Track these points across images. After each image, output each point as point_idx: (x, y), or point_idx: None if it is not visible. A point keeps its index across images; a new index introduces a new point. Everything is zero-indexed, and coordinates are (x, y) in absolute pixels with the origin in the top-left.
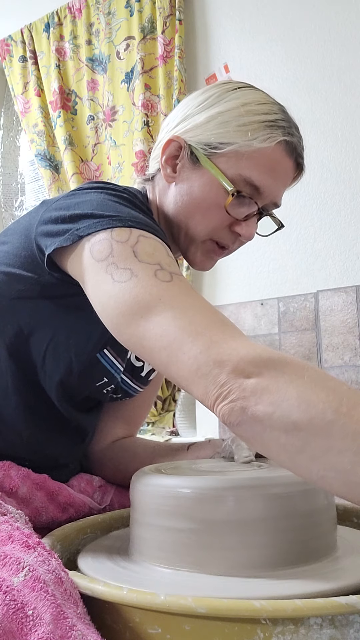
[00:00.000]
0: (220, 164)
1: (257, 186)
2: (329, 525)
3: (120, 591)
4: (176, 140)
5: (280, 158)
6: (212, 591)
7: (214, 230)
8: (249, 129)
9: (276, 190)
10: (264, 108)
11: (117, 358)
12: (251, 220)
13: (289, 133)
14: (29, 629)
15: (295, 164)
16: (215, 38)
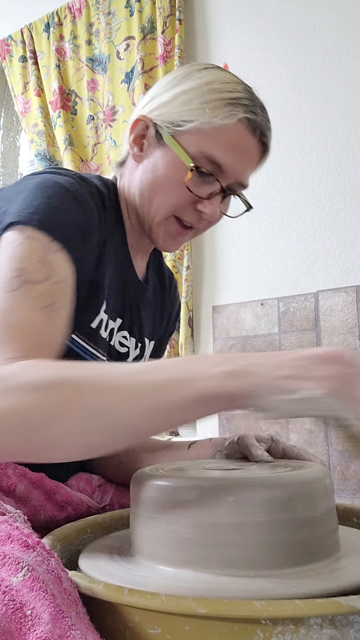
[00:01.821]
0: (183, 142)
1: (219, 163)
2: (330, 525)
3: (120, 591)
4: (143, 120)
5: (242, 136)
6: (212, 591)
7: (177, 208)
8: (210, 106)
9: (240, 168)
10: (227, 86)
11: (90, 343)
12: (215, 199)
13: (251, 111)
14: (28, 629)
15: (260, 143)
16: (215, 38)
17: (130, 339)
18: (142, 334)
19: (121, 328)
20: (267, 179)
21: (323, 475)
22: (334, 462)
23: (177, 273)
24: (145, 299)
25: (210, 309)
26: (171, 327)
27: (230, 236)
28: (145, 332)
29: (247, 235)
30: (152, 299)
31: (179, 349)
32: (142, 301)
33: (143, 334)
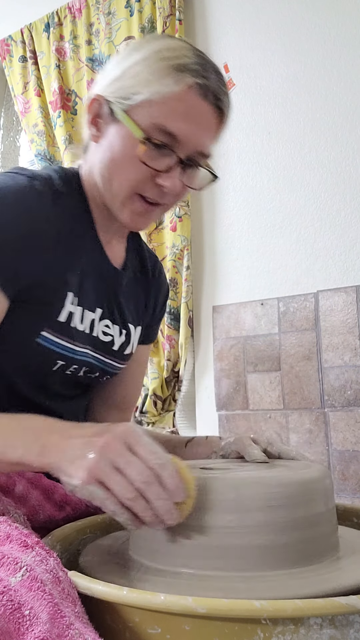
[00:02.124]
0: (135, 115)
1: (172, 133)
2: (330, 525)
3: (120, 591)
4: (97, 99)
5: (193, 102)
6: (212, 591)
7: (137, 184)
8: (158, 75)
9: (197, 137)
10: (175, 53)
11: (63, 337)
12: (174, 171)
13: (202, 76)
14: (26, 629)
15: (215, 108)
16: (215, 38)
17: (114, 327)
18: (125, 320)
19: (103, 317)
20: (267, 179)
21: (323, 475)
22: (334, 462)
23: (177, 273)
24: (124, 285)
25: (210, 309)
26: (159, 312)
27: (230, 236)
28: (129, 318)
29: (247, 235)
30: (134, 284)
31: (179, 349)
32: (121, 288)
33: (127, 321)
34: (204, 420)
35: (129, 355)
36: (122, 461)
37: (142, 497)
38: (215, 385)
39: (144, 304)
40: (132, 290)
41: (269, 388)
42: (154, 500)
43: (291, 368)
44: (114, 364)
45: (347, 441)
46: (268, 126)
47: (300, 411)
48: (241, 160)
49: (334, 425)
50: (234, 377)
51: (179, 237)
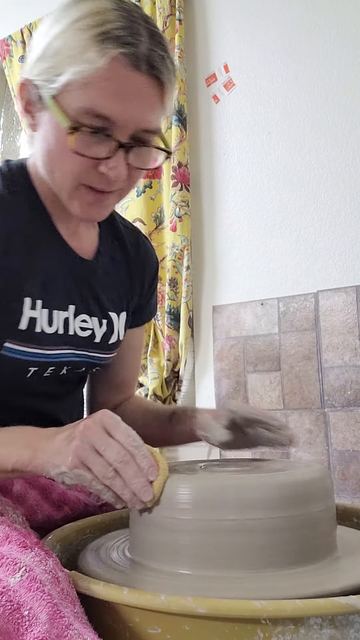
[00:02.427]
0: (63, 100)
1: (105, 116)
2: (329, 525)
3: (120, 591)
4: (25, 84)
5: (123, 76)
6: (213, 591)
7: (79, 176)
8: (79, 50)
9: (134, 115)
10: (96, 19)
11: (29, 345)
12: (116, 157)
13: (128, 43)
14: (25, 629)
15: (151, 78)
16: (215, 38)
17: (92, 320)
18: (105, 310)
19: (78, 313)
20: (267, 179)
21: (322, 475)
22: (334, 462)
23: (177, 273)
24: (100, 274)
25: (210, 309)
26: (148, 290)
27: (230, 236)
28: (110, 307)
29: (247, 235)
30: (113, 269)
31: (179, 349)
32: (96, 278)
33: (107, 310)
34: None
35: (116, 344)
36: (101, 444)
37: (120, 477)
38: (215, 385)
39: (128, 287)
40: (112, 276)
41: (269, 388)
42: (130, 479)
43: (291, 368)
44: (100, 356)
45: (347, 441)
46: (268, 126)
47: (300, 411)
48: (241, 160)
49: (334, 425)
50: (234, 377)
51: (179, 237)
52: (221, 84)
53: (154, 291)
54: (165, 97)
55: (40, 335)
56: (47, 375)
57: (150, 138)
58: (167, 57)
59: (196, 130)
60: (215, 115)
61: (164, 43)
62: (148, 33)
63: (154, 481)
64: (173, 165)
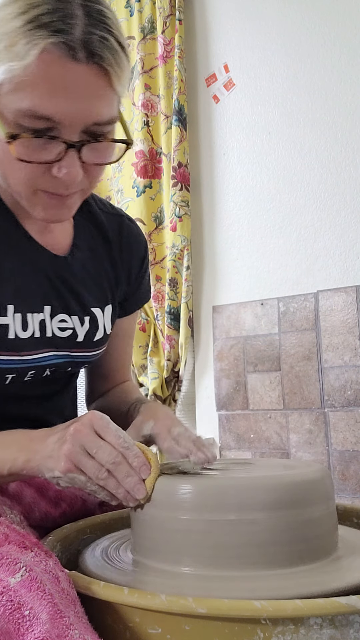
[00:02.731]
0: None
1: (46, 116)
2: (329, 525)
3: (120, 591)
4: None
5: (57, 69)
6: (213, 591)
7: (32, 182)
8: (7, 43)
9: (79, 111)
10: (22, 5)
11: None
12: (66, 158)
13: (58, 30)
14: (26, 629)
15: (92, 66)
16: (215, 38)
17: (72, 319)
18: (85, 307)
19: (54, 314)
20: (267, 179)
21: (323, 475)
22: (334, 462)
23: (177, 273)
24: (75, 269)
25: (210, 309)
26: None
27: (230, 236)
28: (92, 303)
29: (247, 235)
30: (93, 262)
31: (179, 349)
32: (72, 274)
33: (88, 307)
34: (204, 420)
35: (102, 340)
36: (92, 446)
37: (113, 477)
38: (215, 385)
39: (112, 277)
40: (91, 269)
41: (269, 388)
42: (123, 478)
43: (291, 368)
44: (85, 354)
45: (347, 441)
46: (268, 126)
47: (300, 411)
48: (241, 160)
49: (334, 425)
50: (234, 377)
51: (179, 237)
52: (221, 84)
53: (144, 276)
54: (114, 82)
55: (15, 342)
56: (28, 379)
57: (104, 130)
58: (111, 36)
59: (196, 130)
60: (215, 115)
61: (105, 20)
62: (84, 12)
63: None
64: (173, 165)
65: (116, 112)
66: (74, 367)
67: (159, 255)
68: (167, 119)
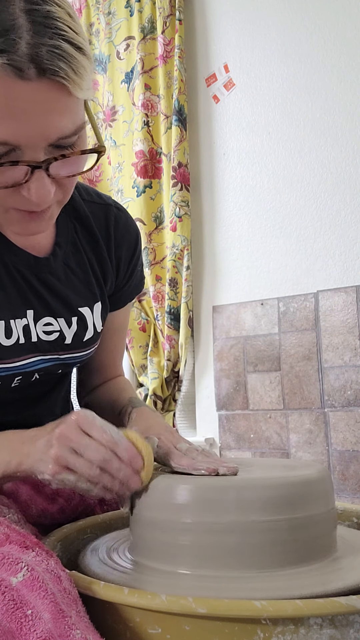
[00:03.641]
0: None
1: (2, 142)
2: (329, 525)
3: (120, 591)
4: None
5: (6, 91)
6: (212, 591)
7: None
8: None
9: (39, 128)
10: None
11: None
12: (34, 178)
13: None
14: (28, 629)
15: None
16: (215, 38)
17: (58, 321)
18: (72, 307)
19: (38, 317)
20: (267, 179)
21: (322, 475)
22: (334, 462)
23: (177, 273)
24: (57, 270)
25: (210, 309)
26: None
27: (230, 236)
28: (78, 302)
29: (247, 235)
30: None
31: (179, 349)
32: (54, 275)
33: (74, 307)
34: (204, 420)
35: (93, 338)
36: (80, 445)
37: (106, 472)
38: (215, 385)
39: (99, 273)
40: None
41: (269, 388)
42: (116, 472)
43: (291, 368)
44: (75, 355)
45: (347, 441)
46: (268, 126)
47: (300, 411)
48: (241, 160)
49: (334, 425)
50: (234, 377)
51: (179, 237)
52: (221, 84)
53: (135, 267)
54: (74, 91)
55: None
56: (15, 385)
57: (71, 141)
58: (63, 41)
59: (196, 130)
60: (215, 115)
61: (54, 24)
62: (28, 19)
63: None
64: (173, 165)
65: (82, 118)
66: (64, 368)
67: (159, 255)
68: (167, 119)
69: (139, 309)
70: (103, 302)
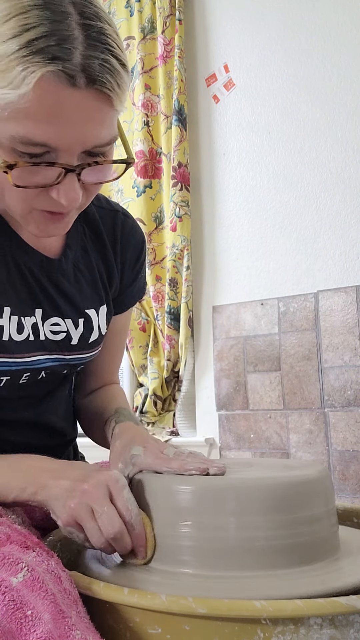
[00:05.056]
0: None
1: (42, 143)
2: (330, 525)
3: (120, 591)
4: None
5: (55, 97)
6: (213, 591)
7: (29, 203)
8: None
9: (78, 135)
10: (13, 26)
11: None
12: (65, 181)
13: (56, 57)
14: (28, 629)
15: (93, 92)
16: (215, 38)
17: (66, 321)
18: (78, 309)
19: (46, 317)
20: (267, 179)
21: (322, 475)
22: (334, 462)
23: (177, 273)
24: (67, 271)
25: (210, 309)
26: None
27: (230, 236)
28: (85, 304)
29: (247, 235)
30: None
31: (179, 349)
32: (64, 276)
33: (81, 308)
34: (204, 420)
35: (98, 340)
36: (99, 509)
37: (111, 546)
38: (215, 385)
39: (106, 276)
40: (85, 270)
41: (269, 388)
42: (120, 550)
43: (291, 368)
44: (80, 356)
45: (347, 441)
46: (268, 126)
47: (300, 411)
48: (241, 160)
49: (334, 425)
50: (234, 377)
51: (179, 237)
52: (221, 84)
53: (139, 272)
54: (115, 103)
55: (8, 344)
56: (23, 381)
57: (104, 151)
58: (112, 56)
59: (196, 130)
60: (215, 115)
61: (105, 40)
62: (82, 32)
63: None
64: (173, 165)
65: (116, 130)
66: (69, 369)
67: (159, 255)
68: (167, 119)
69: (139, 309)
70: (108, 305)
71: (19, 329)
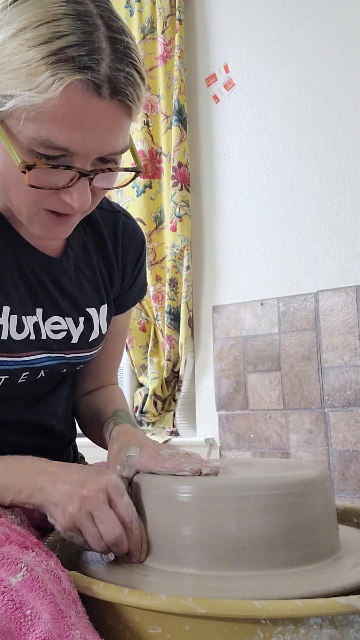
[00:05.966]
0: (13, 126)
1: (62, 147)
2: (330, 525)
3: (120, 591)
4: None
5: (81, 104)
6: (213, 591)
7: (38, 203)
8: (28, 70)
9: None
10: (45, 32)
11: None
12: (78, 185)
13: (86, 67)
14: (27, 629)
15: (115, 102)
16: (215, 38)
17: (66, 320)
18: (79, 307)
19: (47, 316)
20: (267, 179)
21: (322, 475)
22: (334, 462)
23: (177, 273)
24: (68, 271)
25: (210, 309)
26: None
27: (230, 236)
28: (86, 303)
29: (247, 235)
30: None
31: (179, 349)
32: (66, 275)
33: (82, 307)
34: (204, 420)
35: (98, 339)
36: (99, 514)
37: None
38: (215, 385)
39: (107, 276)
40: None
41: (269, 388)
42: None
43: (291, 368)
44: (80, 355)
45: (347, 441)
46: (268, 126)
47: (300, 411)
48: (241, 161)
49: (334, 425)
50: (234, 377)
51: (179, 237)
52: (221, 84)
53: (139, 273)
54: (134, 114)
55: (7, 343)
56: (22, 381)
57: (116, 158)
58: (135, 70)
59: (196, 130)
60: (215, 115)
61: (130, 54)
62: (110, 45)
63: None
64: (173, 165)
65: (127, 141)
66: (69, 368)
67: (159, 255)
68: (167, 119)
69: (139, 309)
70: (109, 304)
71: (18, 328)
